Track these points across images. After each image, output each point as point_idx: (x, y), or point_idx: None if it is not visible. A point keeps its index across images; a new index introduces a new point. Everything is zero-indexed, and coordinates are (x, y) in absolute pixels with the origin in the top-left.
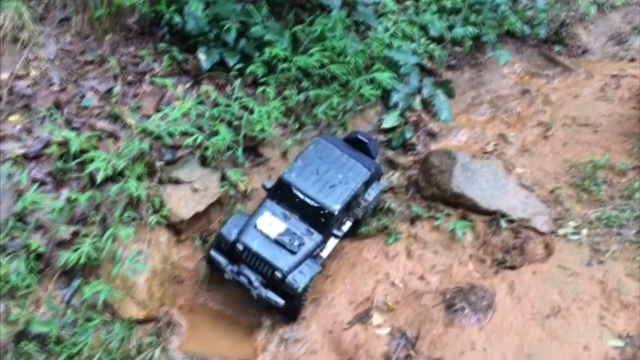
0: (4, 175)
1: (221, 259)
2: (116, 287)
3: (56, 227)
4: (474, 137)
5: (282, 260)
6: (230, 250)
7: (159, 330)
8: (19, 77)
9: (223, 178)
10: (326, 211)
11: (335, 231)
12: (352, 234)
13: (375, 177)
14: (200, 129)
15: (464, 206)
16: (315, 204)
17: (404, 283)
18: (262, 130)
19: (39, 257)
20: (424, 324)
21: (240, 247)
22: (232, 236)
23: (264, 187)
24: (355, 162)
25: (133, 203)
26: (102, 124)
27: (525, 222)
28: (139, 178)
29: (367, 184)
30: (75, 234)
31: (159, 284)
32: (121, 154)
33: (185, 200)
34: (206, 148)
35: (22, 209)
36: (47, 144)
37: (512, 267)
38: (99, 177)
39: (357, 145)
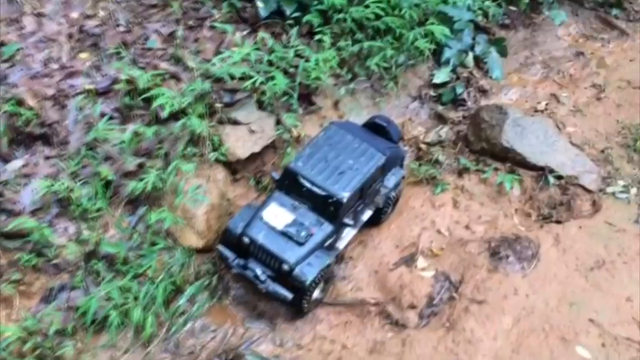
0: (75, 108)
1: (228, 253)
2: (177, 217)
3: (123, 158)
4: (525, 96)
5: (289, 252)
6: (237, 244)
7: (215, 260)
8: (88, 17)
9: (278, 122)
10: (334, 199)
11: (346, 220)
12: (375, 223)
13: (393, 161)
14: (258, 73)
15: (513, 161)
16: (323, 193)
17: (449, 231)
18: (317, 78)
19: (107, 185)
20: (468, 269)
21: (246, 240)
22: (239, 230)
23: (272, 178)
24: (368, 147)
25: (194, 140)
26: (165, 65)
27: (573, 180)
28: (200, 117)
29: (384, 169)
30: (140, 166)
31: (216, 217)
32: (184, 93)
33: (242, 140)
34: (263, 92)
35: (92, 140)
36: (115, 81)
37: (558, 222)
38: (165, 113)
39: (376, 130)
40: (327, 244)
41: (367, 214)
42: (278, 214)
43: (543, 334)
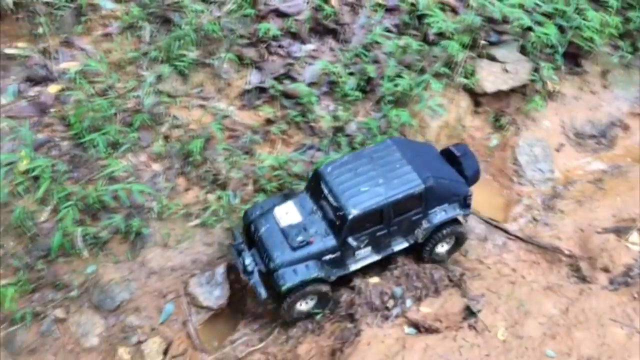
0: (365, 16)
1: (237, 236)
2: (413, 120)
3: (388, 63)
4: None
5: (279, 252)
6: (248, 230)
7: None
8: None
9: (536, 70)
10: (342, 213)
11: (350, 240)
12: (419, 258)
13: (443, 195)
14: (531, 22)
15: None
16: (335, 203)
17: None
18: (590, 39)
19: (368, 81)
20: None
21: (252, 228)
22: (252, 216)
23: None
24: (409, 171)
25: (450, 63)
26: None
27: None
28: (463, 46)
29: (422, 199)
30: (398, 73)
31: (447, 135)
32: (455, 22)
33: (493, 75)
34: (529, 40)
35: (369, 43)
36: (402, 0)
37: None
38: (432, 31)
39: (452, 159)
40: (327, 258)
41: (399, 244)
42: (289, 212)
43: None
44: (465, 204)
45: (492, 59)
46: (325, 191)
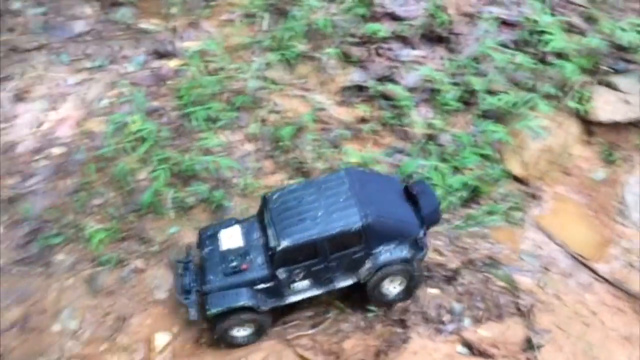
0: (483, 29)
1: (189, 251)
2: (511, 138)
3: (495, 78)
4: None
5: (213, 276)
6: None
7: (526, 194)
8: None
9: None
10: (274, 243)
11: (279, 272)
12: (369, 299)
13: (388, 234)
14: None
15: None
16: (270, 232)
17: None
18: None
19: (471, 93)
20: None
21: (201, 247)
22: (203, 236)
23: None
24: (351, 205)
25: (563, 86)
26: (575, 20)
27: None
28: (582, 70)
29: (362, 237)
30: (506, 89)
31: (547, 160)
32: (577, 44)
33: (611, 105)
34: None
35: (480, 55)
36: (524, 18)
37: None
38: (547, 49)
39: (412, 196)
40: (260, 287)
41: (343, 281)
42: (233, 236)
43: None
44: (417, 245)
45: (614, 87)
46: (266, 219)
